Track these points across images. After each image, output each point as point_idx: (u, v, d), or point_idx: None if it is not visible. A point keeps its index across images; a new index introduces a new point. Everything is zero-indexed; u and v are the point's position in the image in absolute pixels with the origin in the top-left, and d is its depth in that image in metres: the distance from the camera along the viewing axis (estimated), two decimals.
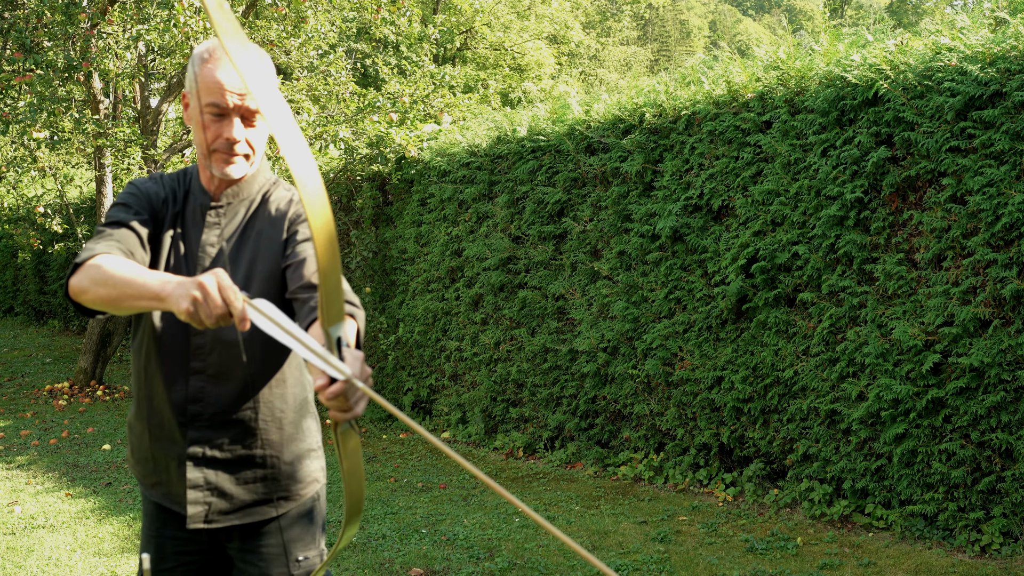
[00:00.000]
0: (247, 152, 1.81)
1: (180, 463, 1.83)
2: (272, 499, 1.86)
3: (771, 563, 4.00)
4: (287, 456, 1.87)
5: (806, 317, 4.55)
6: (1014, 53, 3.77)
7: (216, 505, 1.83)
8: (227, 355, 1.79)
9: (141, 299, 1.51)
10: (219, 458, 1.82)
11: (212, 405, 1.80)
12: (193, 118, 1.80)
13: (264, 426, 1.83)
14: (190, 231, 1.84)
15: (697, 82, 5.18)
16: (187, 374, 1.80)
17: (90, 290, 1.61)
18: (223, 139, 1.77)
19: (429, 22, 17.12)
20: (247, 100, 1.75)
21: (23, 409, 7.98)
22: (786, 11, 65.47)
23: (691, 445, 5.19)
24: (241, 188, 1.87)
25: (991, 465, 3.93)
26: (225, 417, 1.81)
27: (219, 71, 1.75)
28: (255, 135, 1.81)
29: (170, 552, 1.89)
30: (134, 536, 4.58)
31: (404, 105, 7.66)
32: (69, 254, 11.81)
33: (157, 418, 1.84)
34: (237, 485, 1.83)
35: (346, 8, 8.61)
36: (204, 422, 1.80)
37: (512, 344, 6.21)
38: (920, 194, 4.13)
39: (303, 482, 1.91)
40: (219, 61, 1.76)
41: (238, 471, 1.83)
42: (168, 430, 1.83)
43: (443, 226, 6.71)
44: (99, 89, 7.89)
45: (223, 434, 1.81)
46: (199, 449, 1.81)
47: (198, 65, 1.77)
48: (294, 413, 1.88)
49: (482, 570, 4.00)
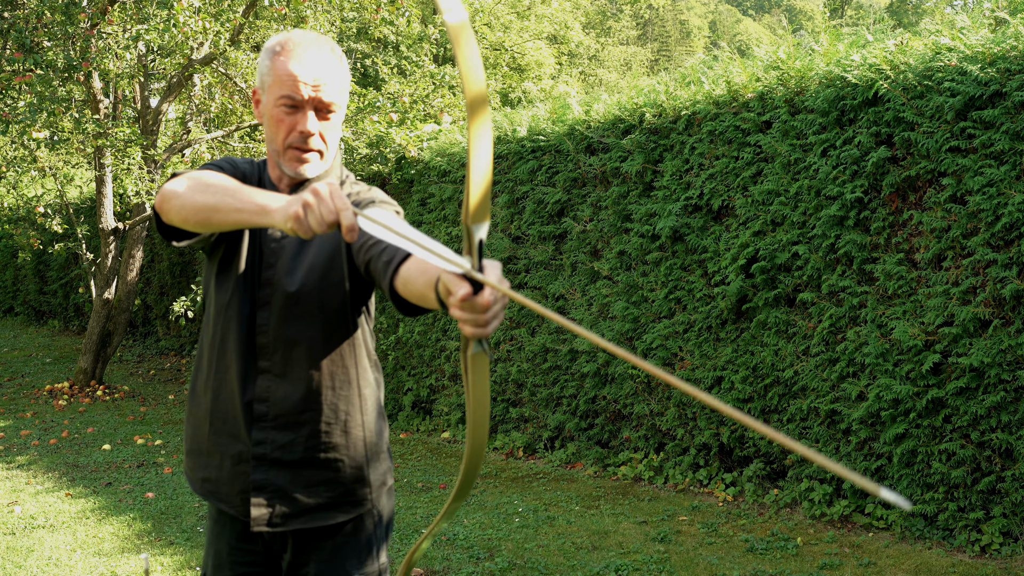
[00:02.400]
0: (321, 148, 1.75)
1: (237, 461, 1.78)
2: (338, 504, 1.80)
3: (771, 563, 4.00)
4: (353, 460, 1.80)
5: (806, 317, 4.55)
6: (1014, 53, 3.77)
7: (280, 508, 1.78)
8: (291, 354, 1.76)
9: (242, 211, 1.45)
10: (283, 459, 1.77)
11: (277, 405, 1.76)
12: (265, 113, 1.74)
13: (328, 428, 1.78)
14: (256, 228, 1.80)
15: (697, 82, 5.18)
16: (256, 373, 1.76)
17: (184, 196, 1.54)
18: (297, 132, 1.72)
19: (429, 22, 17.12)
20: (321, 92, 1.70)
21: (23, 409, 7.98)
22: (786, 11, 65.47)
23: (691, 445, 5.19)
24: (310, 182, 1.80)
25: (991, 465, 3.93)
26: (289, 418, 1.76)
27: (292, 63, 1.70)
28: (329, 129, 1.75)
29: (226, 560, 1.86)
30: (134, 536, 4.58)
31: (404, 105, 7.66)
32: (69, 254, 11.81)
33: (222, 413, 1.80)
34: (301, 488, 1.78)
35: (346, 8, 8.61)
36: (269, 422, 1.76)
37: (512, 344, 6.21)
38: (920, 194, 4.13)
39: (371, 486, 1.84)
40: (291, 53, 1.71)
41: (302, 474, 1.77)
42: (232, 426, 1.78)
43: (443, 226, 6.71)
44: (99, 89, 7.89)
45: (287, 435, 1.76)
46: (262, 450, 1.77)
47: (270, 58, 1.73)
48: (362, 415, 1.82)
49: (482, 570, 4.00)
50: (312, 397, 1.76)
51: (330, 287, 1.76)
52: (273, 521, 1.78)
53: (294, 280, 1.76)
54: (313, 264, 1.76)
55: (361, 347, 1.83)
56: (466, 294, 1.15)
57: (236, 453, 1.79)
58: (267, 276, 1.77)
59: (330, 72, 1.73)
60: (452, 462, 6.03)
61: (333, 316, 1.76)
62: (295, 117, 1.72)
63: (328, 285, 1.76)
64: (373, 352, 1.89)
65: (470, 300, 1.16)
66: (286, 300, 1.75)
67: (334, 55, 1.75)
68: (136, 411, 7.84)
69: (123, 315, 8.78)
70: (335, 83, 1.74)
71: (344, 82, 1.77)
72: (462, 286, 1.16)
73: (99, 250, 9.10)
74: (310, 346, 1.76)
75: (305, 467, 1.78)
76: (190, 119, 9.26)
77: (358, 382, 1.81)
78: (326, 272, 1.76)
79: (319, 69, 1.71)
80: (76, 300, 12.39)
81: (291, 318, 1.75)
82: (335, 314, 1.77)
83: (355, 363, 1.81)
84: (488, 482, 5.52)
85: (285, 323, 1.76)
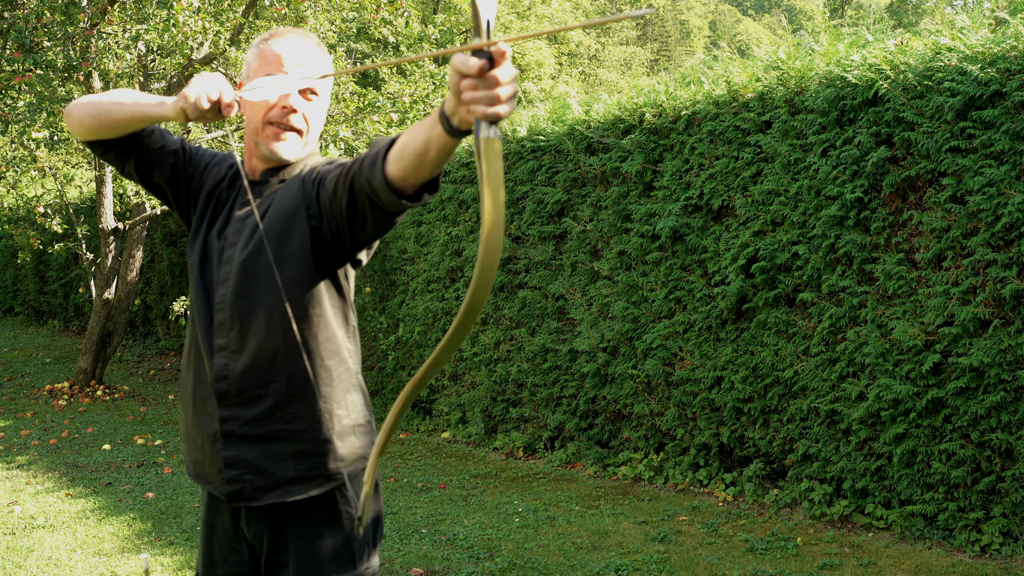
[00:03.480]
0: (301, 127, 1.78)
1: (214, 440, 1.79)
2: (309, 477, 1.78)
3: (771, 563, 4.00)
4: (320, 432, 1.77)
5: (806, 317, 4.55)
6: (1014, 53, 3.77)
7: (254, 482, 1.77)
8: (248, 329, 1.75)
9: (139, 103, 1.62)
10: (251, 435, 1.76)
11: (236, 382, 1.75)
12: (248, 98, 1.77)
13: (289, 399, 1.75)
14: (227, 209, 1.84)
15: (697, 82, 5.18)
16: (215, 350, 1.77)
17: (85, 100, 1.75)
18: (279, 107, 1.75)
19: (429, 22, 17.12)
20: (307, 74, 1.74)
21: (23, 409, 7.98)
22: (786, 11, 65.47)
23: (691, 445, 5.19)
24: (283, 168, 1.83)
25: (991, 465, 3.93)
26: (252, 393, 1.75)
27: (278, 46, 1.76)
28: (312, 110, 1.79)
29: (217, 560, 1.86)
30: (134, 536, 4.58)
31: (404, 105, 7.66)
32: (69, 254, 11.81)
33: (200, 393, 1.81)
34: (271, 462, 1.76)
35: (345, 8, 8.61)
36: (233, 399, 1.76)
37: (512, 344, 6.21)
38: (920, 194, 4.13)
39: (346, 460, 1.80)
40: (278, 39, 1.77)
41: (271, 448, 1.76)
42: (209, 406, 1.79)
43: (443, 226, 6.71)
44: (99, 89, 7.89)
45: (251, 410, 1.75)
46: (230, 427, 1.77)
47: (257, 47, 1.79)
48: (329, 387, 1.78)
49: (482, 570, 4.00)
50: (272, 369, 1.75)
51: (287, 256, 1.73)
52: (247, 495, 1.77)
53: (244, 251, 1.76)
54: (267, 233, 1.74)
55: (329, 317, 1.78)
56: (483, 65, 1.09)
57: (212, 432, 1.79)
58: (228, 255, 1.79)
59: (314, 58, 1.78)
60: (452, 462, 6.03)
61: (291, 286, 1.73)
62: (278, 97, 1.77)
63: (285, 254, 1.73)
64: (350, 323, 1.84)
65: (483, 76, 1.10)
66: (240, 273, 1.75)
67: (319, 48, 1.81)
68: (136, 411, 7.84)
69: (123, 315, 8.78)
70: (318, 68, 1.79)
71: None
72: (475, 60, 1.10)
73: (99, 250, 9.10)
74: (268, 317, 1.73)
75: (272, 440, 1.77)
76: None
77: (320, 353, 1.77)
78: (281, 241, 1.74)
79: (304, 53, 1.78)
80: (76, 300, 12.39)
81: (246, 291, 1.75)
82: (293, 283, 1.73)
83: (320, 334, 1.77)
84: (488, 482, 5.52)
85: (239, 297, 1.75)
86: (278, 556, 1.81)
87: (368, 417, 1.87)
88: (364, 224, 1.64)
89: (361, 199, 1.59)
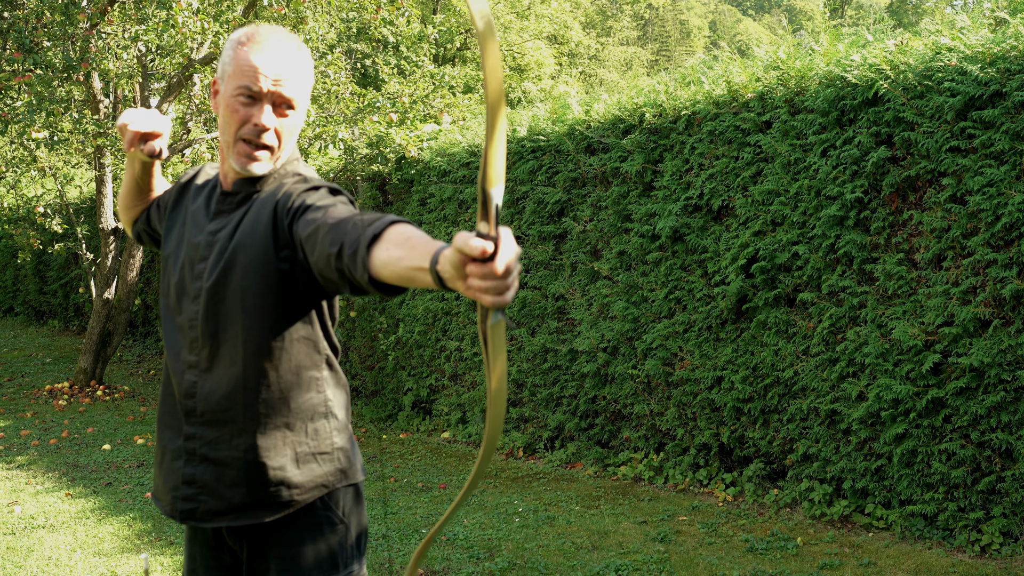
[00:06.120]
0: (273, 144, 1.72)
1: (176, 456, 1.77)
2: (261, 504, 1.75)
3: (771, 563, 4.00)
4: (277, 463, 1.73)
5: (806, 317, 4.55)
6: (1014, 53, 3.77)
7: (207, 503, 1.75)
8: (217, 350, 1.72)
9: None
10: (210, 456, 1.75)
11: (203, 401, 1.74)
12: (222, 103, 1.72)
13: (249, 429, 1.72)
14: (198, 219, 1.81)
15: (697, 82, 5.18)
16: (185, 367, 1.75)
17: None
18: (251, 125, 1.69)
19: (428, 22, 17.12)
20: (281, 86, 1.68)
21: (23, 409, 7.98)
22: (786, 11, 65.46)
23: (691, 445, 5.19)
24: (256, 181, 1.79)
25: (991, 465, 3.93)
26: (215, 415, 1.73)
27: (255, 54, 1.68)
28: (286, 127, 1.73)
29: (199, 565, 1.85)
30: (134, 536, 4.58)
31: (404, 105, 7.66)
32: (69, 254, 11.81)
33: (169, 407, 1.80)
34: (225, 486, 1.74)
35: (345, 8, 8.61)
36: (197, 418, 1.75)
37: (512, 344, 6.21)
38: (920, 194, 4.13)
39: (302, 487, 1.76)
40: (255, 44, 1.69)
41: (226, 472, 1.74)
42: (176, 421, 1.78)
43: (443, 226, 6.71)
44: (99, 89, 7.89)
45: (213, 432, 1.74)
46: (192, 445, 1.75)
47: (233, 48, 1.71)
48: (287, 418, 1.75)
49: (482, 570, 4.00)
50: (234, 396, 1.72)
51: (256, 284, 1.70)
52: (198, 516, 1.76)
53: (213, 273, 1.73)
54: (236, 259, 1.71)
55: (293, 350, 1.74)
56: (485, 250, 1.11)
57: (176, 448, 1.78)
58: (199, 269, 1.76)
59: (293, 68, 1.71)
60: (452, 462, 6.03)
61: (254, 316, 1.70)
62: (251, 109, 1.69)
63: (250, 283, 1.70)
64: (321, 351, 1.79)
65: (489, 266, 1.12)
66: (210, 294, 1.73)
67: (300, 53, 1.73)
68: (136, 411, 7.84)
69: (123, 315, 8.78)
70: (297, 80, 1.72)
71: (306, 81, 1.75)
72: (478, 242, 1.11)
73: (99, 250, 9.10)
74: (232, 343, 1.71)
75: (227, 465, 1.74)
76: (190, 119, 9.25)
77: (280, 385, 1.73)
78: (248, 269, 1.70)
79: (282, 64, 1.70)
80: (76, 300, 12.39)
81: (216, 313, 1.72)
82: (256, 313, 1.70)
83: (282, 365, 1.73)
84: (488, 482, 5.52)
85: (208, 319, 1.73)
86: (259, 562, 1.80)
87: (340, 443, 1.82)
88: (339, 288, 1.60)
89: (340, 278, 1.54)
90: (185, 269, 1.79)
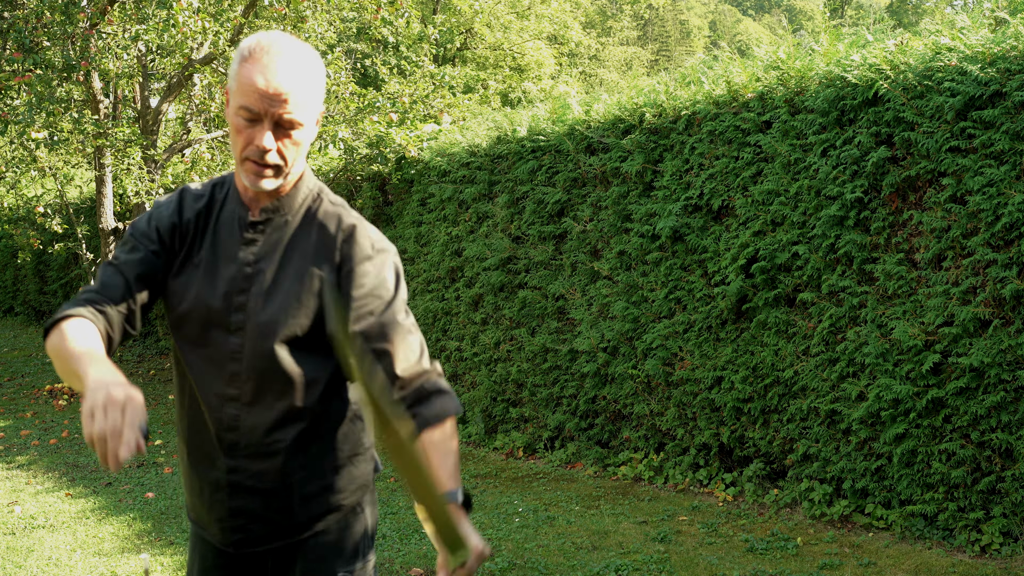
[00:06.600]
0: (278, 163, 1.66)
1: (216, 488, 1.75)
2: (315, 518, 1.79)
3: (771, 563, 4.00)
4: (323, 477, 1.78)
5: (806, 317, 4.55)
6: (1014, 53, 3.77)
7: (257, 531, 1.77)
8: (262, 384, 1.70)
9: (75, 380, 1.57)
10: (257, 487, 1.74)
11: (247, 435, 1.71)
12: (229, 118, 1.68)
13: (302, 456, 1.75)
14: (225, 246, 1.73)
15: (697, 82, 5.18)
16: (225, 400, 1.72)
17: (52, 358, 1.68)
18: (254, 146, 1.64)
19: (429, 22, 17.13)
20: (283, 108, 1.61)
21: (23, 409, 7.98)
22: (786, 11, 65.47)
23: (691, 445, 5.19)
24: (282, 203, 1.73)
25: (991, 465, 3.93)
26: (259, 448, 1.72)
27: (257, 72, 1.60)
28: (290, 145, 1.66)
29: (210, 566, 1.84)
30: (134, 536, 4.58)
31: (404, 105, 7.67)
32: (69, 254, 11.81)
33: (199, 439, 1.77)
34: (275, 511, 1.76)
35: (345, 8, 8.61)
36: (241, 451, 1.73)
37: (512, 344, 6.21)
38: (920, 194, 4.13)
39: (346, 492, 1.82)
40: (259, 61, 1.61)
41: (273, 499, 1.75)
42: (210, 454, 1.75)
43: (443, 226, 6.71)
44: (99, 89, 7.89)
45: (259, 464, 1.73)
46: (237, 478, 1.73)
47: (239, 63, 1.64)
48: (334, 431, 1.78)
49: (482, 570, 4.00)
50: (282, 429, 1.72)
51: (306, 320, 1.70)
52: (252, 543, 1.78)
53: (268, 309, 1.70)
54: (286, 294, 1.69)
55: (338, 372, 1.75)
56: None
57: (214, 480, 1.76)
58: (239, 301, 1.71)
59: (297, 85, 1.63)
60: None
61: (309, 351, 1.71)
62: (253, 130, 1.64)
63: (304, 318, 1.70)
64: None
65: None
66: (259, 329, 1.69)
67: (307, 67, 1.65)
68: None
69: None
70: (301, 97, 1.64)
71: (314, 97, 1.67)
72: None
73: (99, 250, 9.10)
74: (283, 378, 1.70)
75: (276, 495, 1.75)
76: (190, 119, 9.25)
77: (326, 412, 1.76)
78: (302, 305, 1.69)
79: (285, 82, 1.61)
80: None
81: (263, 348, 1.70)
82: (311, 348, 1.71)
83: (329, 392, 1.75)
84: (488, 482, 5.52)
85: (257, 352, 1.70)
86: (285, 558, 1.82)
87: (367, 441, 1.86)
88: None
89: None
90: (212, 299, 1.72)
